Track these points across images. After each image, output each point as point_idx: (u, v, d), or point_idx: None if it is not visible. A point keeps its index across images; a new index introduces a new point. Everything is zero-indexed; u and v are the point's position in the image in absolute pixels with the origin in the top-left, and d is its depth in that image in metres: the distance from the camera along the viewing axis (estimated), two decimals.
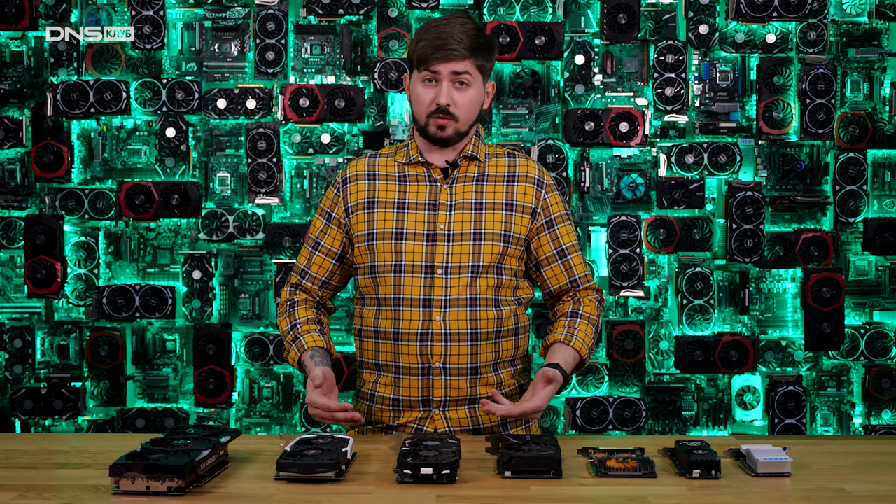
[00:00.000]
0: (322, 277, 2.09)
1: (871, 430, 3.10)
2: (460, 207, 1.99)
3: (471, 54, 1.95)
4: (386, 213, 2.00)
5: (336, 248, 2.07)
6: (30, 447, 1.85)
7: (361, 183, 2.05)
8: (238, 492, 1.51)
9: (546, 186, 2.06)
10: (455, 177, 2.02)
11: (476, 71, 1.98)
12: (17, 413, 3.07)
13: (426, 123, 1.98)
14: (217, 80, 3.13)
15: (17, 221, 3.10)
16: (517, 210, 2.02)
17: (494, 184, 2.03)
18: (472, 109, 2.00)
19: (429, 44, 1.94)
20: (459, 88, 1.97)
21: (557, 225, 2.05)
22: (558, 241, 2.05)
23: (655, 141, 3.11)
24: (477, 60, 1.97)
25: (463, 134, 2.01)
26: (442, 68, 1.94)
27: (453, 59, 1.94)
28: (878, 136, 3.07)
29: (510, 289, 2.02)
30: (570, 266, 2.06)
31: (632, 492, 1.51)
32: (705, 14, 3.05)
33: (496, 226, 1.99)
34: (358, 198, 2.04)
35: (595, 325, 2.04)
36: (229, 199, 3.14)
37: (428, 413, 1.97)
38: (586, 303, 2.05)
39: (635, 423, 3.03)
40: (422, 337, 1.94)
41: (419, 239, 1.97)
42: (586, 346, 1.99)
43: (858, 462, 1.73)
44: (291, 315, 2.08)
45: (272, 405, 3.15)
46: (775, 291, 3.16)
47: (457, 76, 1.95)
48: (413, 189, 2.02)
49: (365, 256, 2.01)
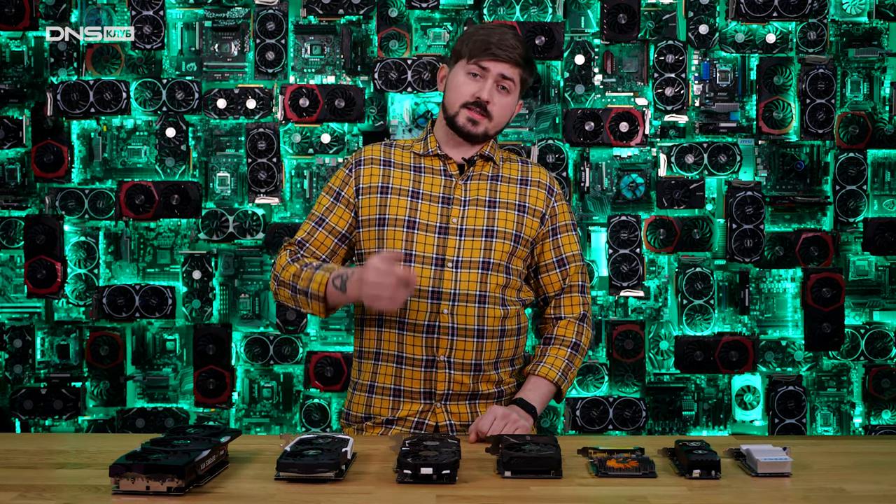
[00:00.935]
0: (322, 254, 2.03)
1: (871, 430, 3.10)
2: (474, 203, 2.01)
3: (522, 63, 1.99)
4: (399, 201, 2.00)
5: (341, 227, 2.04)
6: (30, 447, 1.85)
7: (376, 167, 2.05)
8: (238, 492, 1.51)
9: (556, 195, 2.10)
10: (471, 174, 2.04)
11: (519, 82, 2.02)
12: (17, 413, 3.07)
13: (457, 113, 1.99)
14: (217, 80, 3.13)
15: (17, 221, 3.10)
16: (528, 212, 2.04)
17: (508, 185, 2.06)
18: (505, 115, 2.03)
19: (485, 40, 1.96)
20: (500, 92, 2.00)
21: (561, 234, 2.09)
22: (560, 250, 2.08)
23: (655, 141, 3.11)
24: (523, 72, 2.01)
25: (489, 138, 2.04)
26: (493, 66, 1.97)
27: (506, 62, 1.97)
28: (878, 136, 3.07)
29: (515, 289, 2.04)
30: (567, 275, 2.09)
31: (632, 492, 1.51)
32: (705, 14, 3.05)
33: (508, 225, 2.01)
34: (371, 181, 2.03)
35: (571, 345, 2.07)
36: (229, 199, 3.14)
37: (430, 406, 1.98)
38: (561, 325, 2.09)
39: (635, 423, 3.03)
40: (428, 329, 1.95)
41: (431, 230, 1.98)
42: (556, 369, 2.03)
43: (858, 462, 1.73)
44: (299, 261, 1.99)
45: (272, 405, 3.15)
46: (775, 291, 3.16)
47: (503, 79, 1.99)
48: (428, 181, 2.02)
49: (373, 242, 2.00)
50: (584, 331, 2.10)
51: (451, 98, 2.00)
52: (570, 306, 2.10)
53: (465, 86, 1.98)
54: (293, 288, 1.96)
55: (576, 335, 2.08)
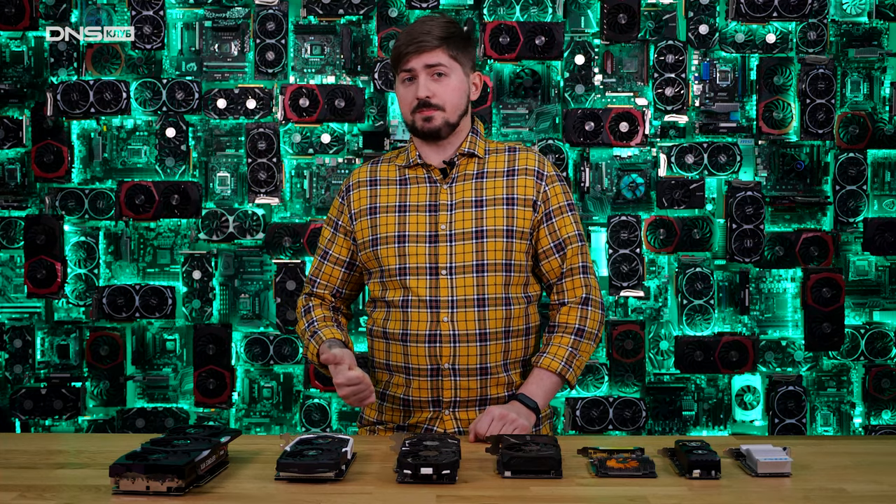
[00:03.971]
0: (333, 286, 2.10)
1: (871, 430, 3.10)
2: (460, 206, 1.98)
3: (441, 43, 1.95)
4: (388, 218, 2.00)
5: (344, 256, 2.08)
6: (30, 447, 1.85)
7: (363, 189, 2.06)
8: (238, 492, 1.51)
9: (546, 178, 2.02)
10: (454, 176, 2.01)
11: (451, 61, 1.97)
12: (17, 413, 3.07)
13: (413, 121, 1.99)
14: (217, 80, 3.13)
15: (17, 221, 3.10)
16: (518, 204, 1.99)
17: (494, 179, 2.01)
18: (456, 97, 1.98)
19: (400, 42, 1.97)
20: (437, 80, 1.96)
21: (555, 217, 2.01)
22: (556, 234, 2.01)
23: (655, 141, 3.10)
24: (449, 50, 1.96)
25: (454, 125, 1.99)
26: (415, 63, 1.95)
27: (424, 51, 1.94)
28: (878, 136, 3.07)
29: (520, 285, 1.99)
30: (566, 258, 2.02)
31: (632, 492, 1.51)
32: (705, 14, 3.05)
33: (497, 222, 1.97)
34: (361, 204, 2.04)
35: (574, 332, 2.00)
36: (229, 199, 3.14)
37: (438, 413, 1.97)
38: (563, 311, 2.02)
39: (635, 423, 3.03)
40: (430, 338, 1.94)
41: (422, 241, 1.97)
42: (558, 359, 1.97)
43: (858, 462, 1.73)
44: (307, 315, 2.08)
45: (272, 405, 3.15)
46: (775, 291, 3.16)
47: (431, 68, 1.95)
48: (414, 191, 2.01)
49: (372, 262, 2.01)
50: (588, 314, 2.01)
51: (403, 110, 2.02)
52: (572, 290, 2.02)
53: (404, 94, 1.99)
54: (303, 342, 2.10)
55: (579, 320, 2.00)
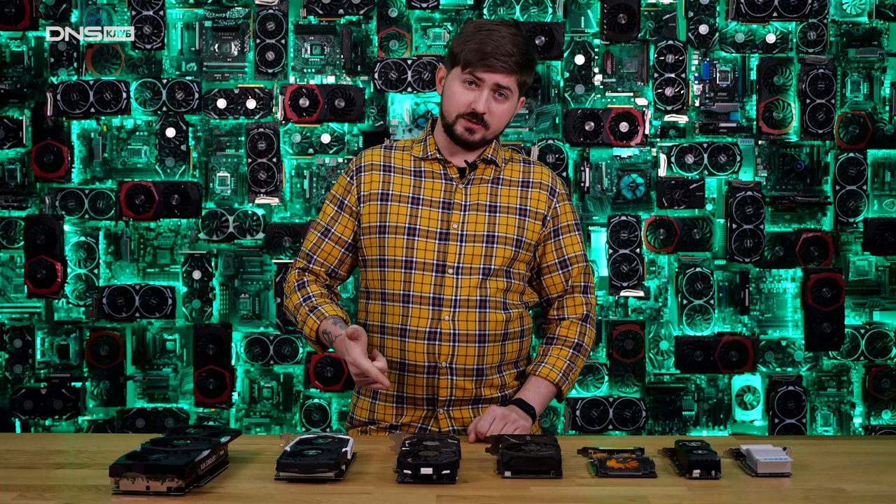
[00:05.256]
0: (330, 265, 2.06)
1: (871, 430, 3.10)
2: (475, 209, 2.00)
3: (518, 70, 1.95)
4: (400, 207, 2.00)
5: (347, 236, 2.05)
6: (30, 447, 1.85)
7: (376, 173, 2.04)
8: (238, 492, 1.51)
9: (558, 196, 2.08)
10: (471, 178, 2.03)
11: (517, 87, 1.98)
12: (17, 413, 3.07)
13: (454, 122, 1.97)
14: (217, 80, 3.13)
15: (17, 221, 3.10)
16: (530, 216, 2.03)
17: (509, 188, 2.04)
18: (503, 121, 2.00)
19: (479, 49, 1.91)
20: (498, 99, 1.96)
21: (563, 235, 2.07)
22: (562, 251, 2.07)
23: (655, 141, 3.10)
24: (521, 77, 1.97)
25: (487, 142, 2.02)
26: (488, 77, 1.93)
27: (501, 72, 1.93)
28: (878, 136, 3.07)
29: (517, 293, 2.03)
30: (570, 276, 2.08)
31: (632, 492, 1.51)
32: (705, 14, 3.05)
33: (509, 230, 1.99)
34: (372, 188, 2.03)
35: (573, 346, 2.07)
36: (229, 199, 3.14)
37: (432, 412, 1.98)
38: (564, 325, 2.09)
39: (635, 423, 3.03)
40: (430, 336, 1.94)
41: (432, 237, 1.97)
42: (557, 370, 2.03)
43: (858, 462, 1.73)
44: (302, 290, 2.03)
45: (272, 405, 3.15)
46: (775, 291, 3.16)
47: (499, 88, 1.95)
48: (428, 185, 2.01)
49: (375, 249, 2.00)
50: (586, 331, 2.09)
51: (448, 107, 1.99)
52: (573, 307, 2.09)
53: (460, 95, 1.95)
54: (294, 319, 2.03)
55: (578, 336, 2.08)
